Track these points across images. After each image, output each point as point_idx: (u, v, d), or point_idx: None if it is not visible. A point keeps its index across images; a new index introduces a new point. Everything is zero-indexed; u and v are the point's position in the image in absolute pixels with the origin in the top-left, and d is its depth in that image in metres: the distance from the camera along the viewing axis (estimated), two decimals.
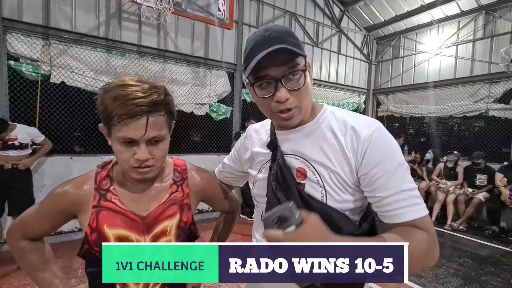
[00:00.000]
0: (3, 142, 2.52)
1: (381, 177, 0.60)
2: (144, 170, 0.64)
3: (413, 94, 5.98)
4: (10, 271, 2.49)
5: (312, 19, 5.69)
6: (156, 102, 0.62)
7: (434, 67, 5.67)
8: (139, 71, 3.81)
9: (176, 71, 4.14)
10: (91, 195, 0.69)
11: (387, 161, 0.60)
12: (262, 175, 0.76)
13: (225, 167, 0.96)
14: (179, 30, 4.16)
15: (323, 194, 0.65)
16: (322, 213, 0.62)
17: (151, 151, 0.64)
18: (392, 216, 0.60)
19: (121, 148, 0.62)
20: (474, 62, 5.06)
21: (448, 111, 5.31)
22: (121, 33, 3.72)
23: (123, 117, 0.59)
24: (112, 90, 0.60)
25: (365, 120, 0.66)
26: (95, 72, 3.53)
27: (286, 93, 0.61)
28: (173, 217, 0.73)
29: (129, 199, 0.71)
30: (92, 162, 3.42)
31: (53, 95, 3.29)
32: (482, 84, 4.89)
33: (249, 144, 0.84)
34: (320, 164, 0.66)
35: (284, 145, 0.72)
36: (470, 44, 5.13)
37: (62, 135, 3.41)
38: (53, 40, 3.28)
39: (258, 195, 0.78)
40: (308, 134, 0.69)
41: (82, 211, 0.69)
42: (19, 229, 0.71)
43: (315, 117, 0.70)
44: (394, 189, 0.59)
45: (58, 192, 0.69)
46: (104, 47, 3.60)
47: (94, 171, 0.73)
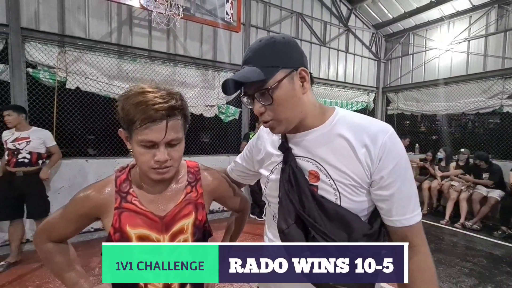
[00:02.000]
0: (14, 152, 2.61)
1: (393, 182, 0.64)
2: (163, 170, 0.69)
3: (424, 91, 5.89)
4: (33, 270, 2.61)
5: (319, 19, 5.68)
6: (174, 107, 0.66)
7: (445, 63, 5.56)
8: (150, 75, 3.91)
9: (186, 74, 4.22)
10: (112, 197, 0.74)
11: (399, 168, 0.64)
12: (274, 176, 0.79)
13: (237, 166, 1.00)
14: (188, 34, 4.24)
15: (337, 196, 0.67)
16: (335, 214, 0.66)
17: (169, 153, 0.68)
18: (388, 221, 0.67)
19: (142, 151, 0.67)
20: (486, 57, 4.94)
21: (460, 108, 5.20)
22: (133, 39, 3.83)
23: (145, 122, 0.64)
24: (133, 97, 0.65)
25: (378, 124, 0.68)
26: (108, 77, 3.64)
27: (258, 107, 0.68)
28: (189, 216, 0.77)
29: (148, 200, 0.75)
30: (106, 164, 3.54)
31: (69, 100, 3.42)
32: (496, 80, 4.77)
33: (261, 145, 0.88)
34: (332, 167, 0.68)
35: (295, 148, 0.75)
36: (483, 39, 5.01)
37: (78, 139, 3.53)
38: (68, 47, 3.41)
39: (270, 195, 0.82)
40: (320, 138, 0.71)
41: (105, 213, 0.74)
42: (45, 233, 0.77)
43: (326, 120, 0.72)
44: (397, 196, 0.64)
45: (81, 197, 0.74)
46: (117, 52, 3.71)
47: (114, 175, 0.78)
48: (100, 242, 0.58)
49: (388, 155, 0.63)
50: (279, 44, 0.67)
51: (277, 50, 0.67)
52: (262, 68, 0.65)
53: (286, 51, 0.67)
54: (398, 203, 0.64)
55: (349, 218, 0.65)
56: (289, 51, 0.68)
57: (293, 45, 0.69)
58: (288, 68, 0.66)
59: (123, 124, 0.69)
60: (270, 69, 0.65)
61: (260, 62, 0.66)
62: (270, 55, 0.66)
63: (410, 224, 0.65)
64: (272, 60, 0.66)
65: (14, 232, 2.69)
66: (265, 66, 0.65)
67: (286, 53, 0.67)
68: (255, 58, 0.67)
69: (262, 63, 0.66)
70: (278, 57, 0.66)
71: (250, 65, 0.67)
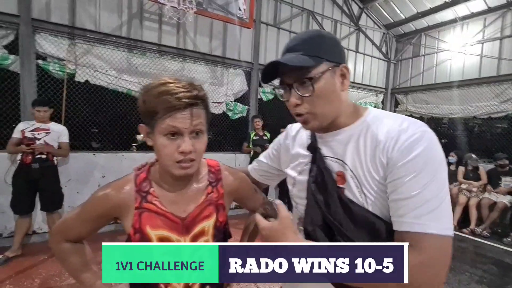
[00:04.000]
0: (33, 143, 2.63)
1: (402, 176, 0.56)
2: (186, 164, 0.65)
3: (434, 94, 5.79)
4: (39, 262, 2.60)
5: (330, 17, 5.61)
6: (197, 97, 0.64)
7: (458, 66, 5.46)
8: (159, 70, 3.88)
9: (195, 70, 4.19)
10: (132, 197, 0.71)
11: (415, 163, 0.56)
12: (302, 177, 0.76)
13: (261, 165, 0.97)
14: (198, 29, 4.20)
15: (364, 199, 0.63)
16: (362, 218, 0.63)
17: (194, 144, 0.65)
18: (395, 223, 0.59)
19: (165, 142, 0.63)
20: (500, 60, 4.84)
21: (472, 111, 5.11)
22: (143, 33, 3.80)
23: (169, 110, 0.61)
24: (154, 89, 0.63)
25: (411, 122, 0.62)
26: (117, 71, 3.62)
27: (295, 99, 0.65)
28: (210, 218, 0.74)
29: (168, 201, 0.72)
30: (113, 158, 3.53)
31: (78, 93, 3.40)
32: (510, 84, 4.67)
33: (289, 144, 0.85)
34: (359, 168, 0.64)
35: (324, 148, 0.72)
36: (497, 42, 4.91)
37: (86, 132, 3.52)
38: (78, 39, 3.39)
39: (297, 196, 0.79)
40: (349, 138, 0.68)
41: (125, 213, 0.71)
42: (61, 233, 0.74)
43: (357, 120, 0.69)
44: (405, 193, 0.56)
45: (100, 196, 0.70)
46: (126, 46, 3.68)
47: (133, 174, 0.75)
48: (106, 236, 0.56)
49: (404, 150, 0.57)
50: (326, 37, 0.66)
51: (325, 43, 0.65)
52: (308, 56, 0.63)
53: (332, 45, 0.66)
54: (398, 202, 0.57)
55: (376, 223, 0.62)
56: (335, 46, 0.67)
57: (338, 41, 0.69)
58: (332, 62, 0.64)
59: (144, 117, 0.66)
60: (316, 59, 0.63)
61: (307, 51, 0.64)
62: (318, 45, 0.65)
63: (414, 231, 0.54)
64: (318, 50, 0.64)
65: (21, 224, 2.69)
66: (311, 55, 0.63)
67: (332, 47, 0.66)
68: (302, 46, 0.65)
69: (308, 52, 0.64)
70: (325, 49, 0.65)
71: (294, 52, 0.65)
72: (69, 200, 3.08)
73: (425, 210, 0.55)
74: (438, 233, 0.54)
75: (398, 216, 0.57)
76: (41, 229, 3.11)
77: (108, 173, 3.48)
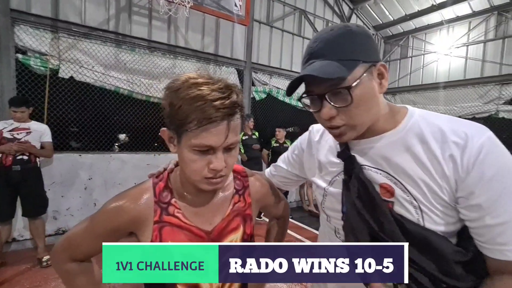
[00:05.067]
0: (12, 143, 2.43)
1: (488, 199, 0.50)
2: (216, 180, 0.58)
3: (421, 94, 5.94)
4: (21, 272, 2.41)
5: (321, 17, 5.62)
6: (236, 104, 0.55)
7: (444, 67, 5.62)
8: (149, 66, 3.72)
9: (186, 67, 4.05)
10: (151, 209, 0.62)
11: (498, 180, 0.49)
12: (335, 189, 0.69)
13: (279, 171, 0.90)
14: (190, 26, 4.07)
15: (419, 215, 0.56)
16: (419, 236, 0.55)
17: (226, 159, 0.57)
18: (493, 251, 0.52)
19: (194, 157, 0.55)
20: (484, 63, 5.02)
21: (457, 112, 5.27)
22: (131, 27, 3.63)
23: (204, 123, 0.52)
24: (185, 90, 0.53)
25: (470, 126, 0.54)
26: (104, 67, 3.43)
27: (330, 110, 0.57)
28: (237, 230, 0.67)
29: (192, 213, 0.64)
30: (100, 159, 3.35)
31: (62, 90, 3.19)
32: (493, 86, 4.85)
33: (313, 149, 0.77)
34: (412, 180, 0.56)
35: (360, 157, 0.63)
36: (481, 45, 5.09)
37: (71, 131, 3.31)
38: (62, 33, 3.17)
39: (330, 209, 0.72)
40: (393, 144, 0.59)
41: (142, 227, 0.62)
42: (66, 251, 0.64)
43: (399, 123, 0.60)
44: (502, 217, 0.49)
45: (113, 208, 0.61)
46: (114, 41, 3.50)
47: (150, 182, 0.66)
48: None
49: (482, 164, 0.50)
50: (357, 34, 0.56)
51: (356, 41, 0.56)
52: (341, 62, 0.54)
53: (365, 42, 0.57)
54: (498, 228, 0.50)
55: (437, 242, 0.54)
56: (368, 42, 0.57)
57: (370, 36, 0.58)
58: (368, 62, 0.55)
59: (170, 123, 0.56)
60: (349, 63, 0.54)
61: (338, 55, 0.55)
62: (350, 46, 0.55)
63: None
64: (351, 52, 0.55)
65: (1, 232, 2.48)
66: (344, 60, 0.54)
67: (365, 44, 0.57)
68: (330, 49, 0.55)
69: (339, 56, 0.55)
70: (357, 49, 0.55)
71: (323, 59, 0.55)
72: (54, 205, 2.89)
73: None
74: None
75: (499, 244, 0.51)
76: (22, 236, 2.90)
77: (95, 175, 3.30)
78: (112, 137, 3.72)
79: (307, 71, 0.55)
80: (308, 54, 0.59)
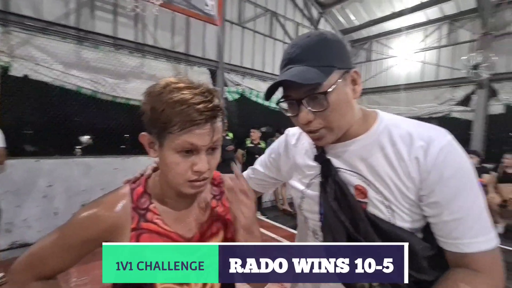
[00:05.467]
0: None
1: (445, 197, 0.54)
2: (200, 183, 0.57)
3: (384, 96, 6.35)
4: None
5: (292, 19, 5.74)
6: (218, 107, 0.55)
7: (404, 71, 6.06)
8: (115, 65, 3.52)
9: (155, 67, 3.90)
10: (128, 216, 0.59)
11: (455, 180, 0.54)
12: (313, 192, 0.71)
13: (256, 174, 0.90)
14: (159, 24, 3.92)
15: (390, 214, 0.59)
16: (391, 234, 0.58)
17: (209, 161, 0.56)
18: (449, 244, 0.56)
19: (178, 159, 0.54)
20: (439, 67, 5.50)
21: (416, 112, 5.71)
22: (95, 23, 3.41)
23: (187, 125, 0.51)
24: (167, 94, 0.52)
25: (434, 130, 0.59)
26: (64, 65, 3.18)
27: (307, 114, 0.58)
28: (217, 235, 0.66)
29: (172, 219, 0.63)
30: (62, 164, 3.10)
31: (15, 89, 2.90)
32: (446, 88, 5.33)
33: (290, 152, 0.79)
34: (382, 180, 0.60)
35: (335, 160, 0.66)
36: (436, 50, 5.56)
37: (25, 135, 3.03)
38: (14, 27, 2.89)
39: (308, 210, 0.73)
40: (366, 147, 0.62)
41: (119, 236, 0.59)
42: (30, 268, 0.58)
43: (371, 127, 0.64)
44: (457, 213, 0.54)
45: (87, 217, 0.57)
46: (75, 37, 3.26)
47: (127, 187, 0.63)
48: None
49: (441, 165, 0.54)
50: (332, 41, 0.59)
51: (331, 48, 0.58)
52: (318, 68, 0.56)
53: (339, 49, 0.59)
54: (453, 223, 0.55)
55: (409, 239, 0.57)
56: (342, 50, 0.60)
57: (344, 44, 0.61)
58: (342, 69, 0.58)
59: (152, 127, 0.55)
60: (326, 69, 0.56)
61: (315, 61, 0.57)
62: (326, 53, 0.57)
63: (472, 251, 0.54)
64: (327, 59, 0.57)
65: None
66: (320, 66, 0.56)
67: (339, 52, 0.59)
68: (307, 55, 0.57)
69: (317, 62, 0.56)
70: (333, 56, 0.58)
71: (300, 64, 0.57)
72: (8, 216, 2.61)
73: (479, 227, 0.54)
74: (492, 248, 0.54)
75: (454, 238, 0.55)
76: None
77: (56, 181, 3.05)
78: (74, 140, 3.46)
79: (286, 76, 0.56)
80: (286, 59, 0.60)
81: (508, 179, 4.09)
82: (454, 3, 5.06)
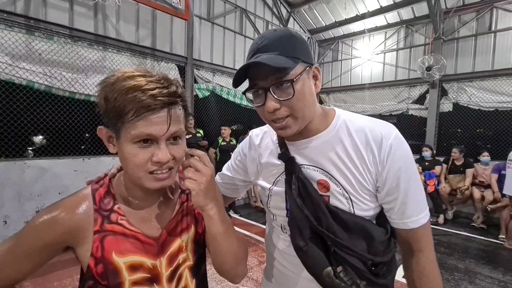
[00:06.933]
0: None
1: (397, 185, 0.62)
2: (164, 175, 0.54)
3: (350, 94, 6.67)
4: None
5: (261, 17, 5.76)
6: (175, 94, 0.53)
7: (367, 71, 6.41)
8: (73, 58, 3.24)
9: (119, 61, 3.67)
10: (90, 218, 0.56)
11: (404, 170, 0.62)
12: (278, 188, 0.73)
13: (224, 179, 0.89)
14: (121, 15, 3.69)
15: (350, 204, 0.65)
16: (353, 224, 0.63)
17: (171, 151, 0.54)
18: (400, 223, 0.65)
19: (135, 151, 0.51)
20: (397, 68, 5.90)
21: (379, 109, 6.09)
22: (47, 12, 3.09)
23: (141, 111, 0.49)
24: (120, 82, 0.50)
25: (384, 126, 0.65)
26: (11, 57, 2.85)
27: (274, 103, 0.60)
28: (187, 230, 0.65)
29: (138, 219, 0.60)
30: (11, 168, 2.79)
31: None
32: (404, 88, 5.75)
33: (255, 154, 0.80)
34: (342, 174, 0.65)
35: (299, 156, 0.70)
36: (394, 52, 5.96)
37: None
38: None
39: (275, 207, 0.75)
40: (325, 144, 0.67)
41: (80, 240, 0.55)
42: None
43: (329, 124, 0.68)
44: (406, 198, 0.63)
45: (45, 221, 0.53)
46: (24, 26, 2.94)
47: (89, 189, 0.59)
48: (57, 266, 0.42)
49: (393, 158, 0.62)
50: (297, 37, 0.62)
51: (297, 43, 0.61)
52: (287, 57, 0.59)
53: (303, 45, 0.63)
54: (405, 206, 0.63)
55: (368, 226, 0.64)
56: (305, 46, 0.64)
57: (306, 42, 0.66)
58: (306, 63, 0.62)
59: (107, 118, 0.52)
60: (293, 60, 0.59)
61: (283, 51, 0.59)
62: (293, 45, 0.61)
63: (417, 226, 0.64)
64: (293, 51, 0.60)
65: None
66: (288, 56, 0.59)
67: (303, 47, 0.63)
68: (276, 46, 0.60)
69: (284, 52, 0.59)
70: (299, 49, 0.61)
71: (269, 53, 0.59)
72: None
73: (421, 205, 0.65)
74: (427, 221, 0.65)
75: (405, 218, 0.64)
76: None
77: (5, 186, 2.74)
78: (25, 140, 3.13)
79: (257, 59, 0.57)
80: (254, 49, 0.61)
81: (456, 170, 4.56)
82: (410, 9, 5.46)
